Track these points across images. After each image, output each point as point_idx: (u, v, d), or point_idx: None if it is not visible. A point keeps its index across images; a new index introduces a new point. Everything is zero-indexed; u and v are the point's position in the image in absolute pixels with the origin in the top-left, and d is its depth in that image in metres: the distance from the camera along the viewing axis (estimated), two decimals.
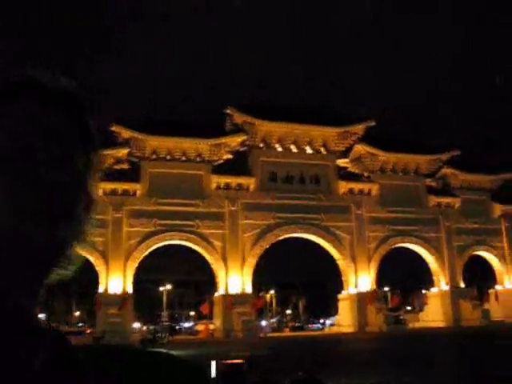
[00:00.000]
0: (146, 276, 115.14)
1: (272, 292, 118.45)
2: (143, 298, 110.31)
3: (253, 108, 67.12)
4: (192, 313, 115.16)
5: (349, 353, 34.17)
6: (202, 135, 65.70)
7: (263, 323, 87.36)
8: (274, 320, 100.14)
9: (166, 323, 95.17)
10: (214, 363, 12.09)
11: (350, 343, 44.88)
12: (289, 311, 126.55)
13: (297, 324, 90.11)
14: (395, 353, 33.41)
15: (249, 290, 64.55)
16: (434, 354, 31.09)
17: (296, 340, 54.28)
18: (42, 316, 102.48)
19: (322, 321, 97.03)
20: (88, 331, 68.78)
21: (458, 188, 76.54)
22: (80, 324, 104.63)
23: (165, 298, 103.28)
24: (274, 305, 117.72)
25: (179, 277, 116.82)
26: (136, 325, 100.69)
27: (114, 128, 62.61)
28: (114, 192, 63.40)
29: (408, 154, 73.38)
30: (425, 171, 75.10)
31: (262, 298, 66.48)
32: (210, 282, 71.30)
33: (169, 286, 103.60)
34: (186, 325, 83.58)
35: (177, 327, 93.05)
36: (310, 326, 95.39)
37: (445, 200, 75.10)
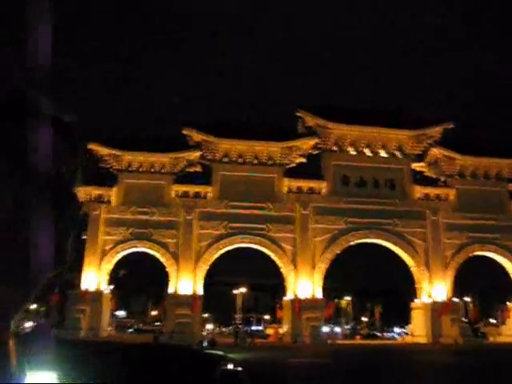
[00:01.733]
0: (220, 278, 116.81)
1: (348, 298, 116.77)
2: (217, 300, 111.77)
3: (324, 110, 66.26)
4: (267, 316, 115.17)
5: (411, 365, 32.74)
6: (274, 138, 65.54)
7: (331, 329, 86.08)
8: (348, 327, 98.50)
9: (240, 326, 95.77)
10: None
11: (418, 354, 43.10)
12: (365, 318, 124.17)
13: (370, 332, 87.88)
14: (464, 368, 31.71)
15: (318, 295, 63.60)
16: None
17: (363, 348, 52.86)
18: (121, 314, 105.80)
19: (396, 329, 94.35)
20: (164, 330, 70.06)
21: None
22: (157, 323, 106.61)
23: (239, 301, 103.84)
24: (349, 311, 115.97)
25: (255, 280, 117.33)
26: (209, 326, 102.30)
27: (185, 131, 63.61)
28: (185, 194, 64.53)
29: (488, 157, 70.03)
30: (507, 176, 71.33)
31: (333, 304, 65.16)
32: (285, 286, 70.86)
33: (243, 289, 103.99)
34: (255, 328, 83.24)
35: (248, 330, 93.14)
36: (384, 334, 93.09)
37: None
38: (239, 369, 10.69)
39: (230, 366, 10.77)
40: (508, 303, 73.17)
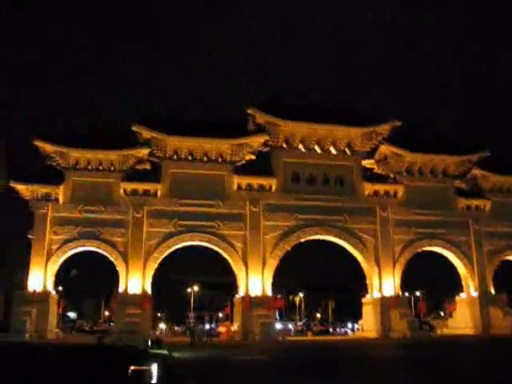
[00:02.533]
0: (174, 277, 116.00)
1: (301, 295, 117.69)
2: (171, 299, 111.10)
3: (275, 107, 66.21)
4: (221, 314, 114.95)
5: (355, 359, 32.94)
6: (224, 135, 65.23)
7: (285, 326, 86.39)
8: (300, 323, 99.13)
9: (192, 325, 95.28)
10: (155, 366, 11.35)
11: (364, 349, 43.54)
12: (318, 315, 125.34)
13: (322, 328, 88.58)
14: (405, 360, 32.09)
15: (269, 292, 63.62)
16: (451, 361, 29.72)
17: (312, 345, 53.11)
18: (73, 315, 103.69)
19: (349, 325, 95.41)
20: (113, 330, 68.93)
21: (488, 190, 73.91)
22: (110, 323, 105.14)
23: (192, 300, 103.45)
24: (302, 308, 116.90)
25: (209, 278, 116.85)
26: (162, 325, 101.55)
27: (134, 128, 62.65)
28: (134, 192, 63.66)
29: (436, 154, 71.28)
30: (453, 173, 72.79)
31: (282, 300, 65.28)
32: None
33: (196, 288, 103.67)
34: (208, 326, 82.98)
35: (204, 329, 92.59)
36: (337, 329, 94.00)
37: (474, 202, 72.70)
38: (152, 368, 10.43)
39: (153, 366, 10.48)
40: (456, 297, 74.66)
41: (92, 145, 63.31)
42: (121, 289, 61.34)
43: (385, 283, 66.99)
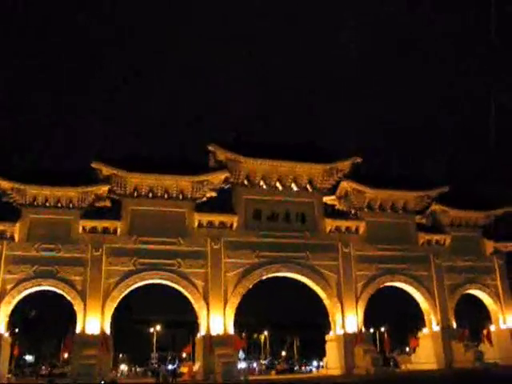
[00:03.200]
0: (136, 317, 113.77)
1: (265, 333, 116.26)
2: (132, 339, 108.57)
3: (236, 145, 66.52)
4: (184, 354, 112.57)
5: None
6: (185, 172, 64.96)
7: (248, 365, 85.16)
8: (265, 362, 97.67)
9: (156, 365, 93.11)
10: None
11: None
12: (284, 353, 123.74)
13: (286, 366, 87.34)
14: None
15: (231, 330, 62.53)
16: None
17: None
18: (30, 358, 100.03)
19: (314, 363, 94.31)
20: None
21: (448, 225, 74.93)
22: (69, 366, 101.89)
23: (155, 340, 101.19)
24: (267, 346, 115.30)
25: (171, 317, 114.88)
26: (123, 367, 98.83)
27: (94, 165, 61.86)
28: (94, 230, 62.55)
29: (396, 190, 72.17)
30: (414, 208, 73.71)
31: (243, 340, 64.18)
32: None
33: (158, 327, 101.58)
34: (170, 367, 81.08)
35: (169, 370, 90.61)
36: (302, 368, 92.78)
37: (435, 237, 73.48)
38: None
39: None
40: (419, 332, 74.71)
41: (50, 182, 62.19)
42: (78, 329, 59.50)
43: (348, 319, 66.64)
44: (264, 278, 66.37)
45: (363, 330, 67.11)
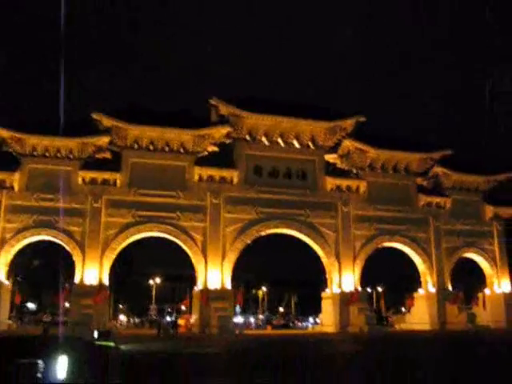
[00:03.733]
0: (138, 269, 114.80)
1: (264, 289, 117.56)
2: (133, 290, 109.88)
3: (239, 100, 65.66)
4: (183, 307, 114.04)
5: (303, 353, 32.71)
6: (186, 126, 64.39)
7: (246, 320, 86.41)
8: (262, 317, 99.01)
9: (155, 317, 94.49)
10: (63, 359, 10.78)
11: (318, 344, 43.43)
12: (282, 309, 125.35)
13: (282, 322, 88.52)
14: (345, 356, 31.98)
15: (228, 285, 63.07)
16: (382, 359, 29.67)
17: (268, 338, 52.85)
18: (32, 306, 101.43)
19: (311, 319, 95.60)
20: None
21: (449, 188, 74.71)
22: None
23: (154, 292, 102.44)
24: (265, 302, 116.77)
25: (172, 270, 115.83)
26: (122, 317, 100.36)
27: (94, 116, 61.31)
28: (93, 181, 62.41)
29: (398, 151, 71.63)
30: (416, 170, 73.28)
31: (242, 294, 64.87)
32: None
33: (158, 280, 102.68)
34: (169, 319, 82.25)
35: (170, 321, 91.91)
36: (299, 324, 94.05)
37: (435, 200, 73.32)
38: (38, 362, 9.79)
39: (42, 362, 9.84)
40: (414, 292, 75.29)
41: (50, 132, 61.77)
42: (77, 280, 60.08)
43: (344, 278, 67.11)
44: (263, 234, 66.53)
45: (359, 289, 67.62)
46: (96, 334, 37.75)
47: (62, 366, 10.72)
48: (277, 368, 23.00)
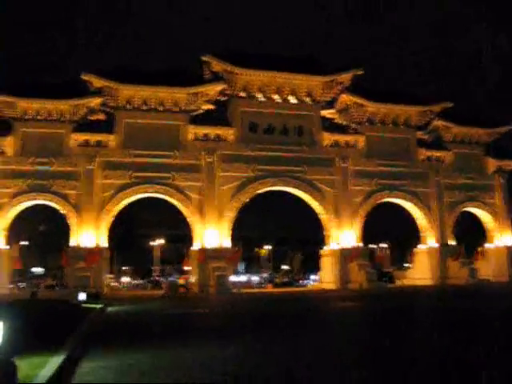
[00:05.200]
0: (138, 231, 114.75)
1: (267, 247, 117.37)
2: (135, 252, 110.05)
3: (232, 56, 63.93)
4: (186, 268, 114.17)
5: (292, 309, 32.24)
6: (179, 84, 63.01)
7: (248, 278, 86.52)
8: (265, 276, 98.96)
9: (156, 278, 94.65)
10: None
11: (311, 301, 43.06)
12: (285, 267, 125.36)
13: (283, 280, 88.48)
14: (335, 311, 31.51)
15: (226, 244, 62.61)
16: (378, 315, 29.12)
17: (266, 297, 52.56)
18: (38, 270, 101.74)
19: (312, 277, 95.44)
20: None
21: (450, 141, 73.34)
22: None
23: (156, 253, 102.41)
24: (270, 260, 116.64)
25: (171, 231, 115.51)
26: (125, 279, 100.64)
27: (84, 77, 59.91)
28: (86, 143, 61.52)
29: (398, 104, 70.05)
30: (416, 123, 71.83)
31: (238, 252, 64.37)
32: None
33: (160, 241, 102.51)
34: (171, 279, 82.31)
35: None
36: (301, 281, 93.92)
37: (436, 154, 72.13)
38: None
39: None
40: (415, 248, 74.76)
41: (41, 94, 60.64)
42: (73, 243, 59.74)
43: (344, 235, 66.52)
44: (259, 192, 65.72)
45: (360, 245, 67.04)
46: (84, 297, 37.34)
47: None
48: (255, 327, 22.43)
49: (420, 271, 71.89)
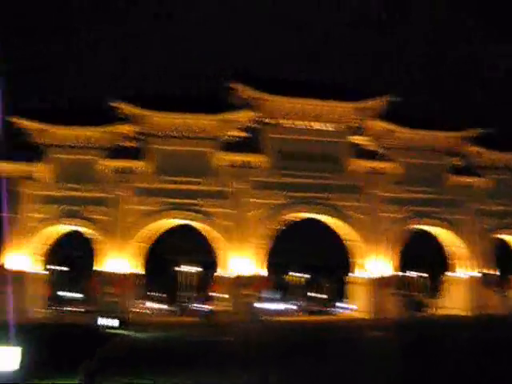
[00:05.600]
0: (168, 257, 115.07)
1: (297, 274, 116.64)
2: (164, 279, 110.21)
3: (261, 82, 64.14)
4: (215, 294, 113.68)
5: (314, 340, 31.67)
6: (209, 111, 63.40)
7: (275, 306, 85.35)
8: (296, 303, 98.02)
9: (184, 304, 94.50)
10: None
11: (338, 330, 42.34)
12: (315, 294, 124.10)
13: (314, 308, 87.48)
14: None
15: (255, 271, 62.22)
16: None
17: (290, 325, 51.90)
18: (66, 296, 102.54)
19: (343, 305, 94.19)
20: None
21: (483, 167, 71.93)
22: None
23: (183, 279, 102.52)
24: (299, 288, 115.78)
25: (201, 258, 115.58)
26: (153, 304, 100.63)
27: (117, 104, 60.81)
28: (118, 170, 62.32)
29: (429, 130, 69.24)
30: (447, 149, 70.62)
31: (267, 280, 63.82)
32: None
33: (187, 267, 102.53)
34: (204, 306, 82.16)
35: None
36: (331, 309, 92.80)
37: (468, 180, 70.75)
38: None
39: None
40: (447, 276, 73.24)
41: (74, 121, 61.80)
42: (102, 268, 60.16)
43: (374, 262, 65.48)
44: (291, 219, 65.62)
45: (395, 273, 65.91)
46: (110, 322, 37.32)
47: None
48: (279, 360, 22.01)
49: (453, 300, 70.24)
